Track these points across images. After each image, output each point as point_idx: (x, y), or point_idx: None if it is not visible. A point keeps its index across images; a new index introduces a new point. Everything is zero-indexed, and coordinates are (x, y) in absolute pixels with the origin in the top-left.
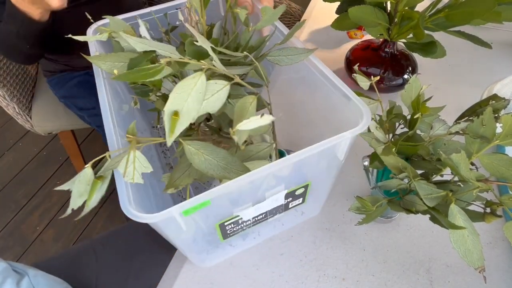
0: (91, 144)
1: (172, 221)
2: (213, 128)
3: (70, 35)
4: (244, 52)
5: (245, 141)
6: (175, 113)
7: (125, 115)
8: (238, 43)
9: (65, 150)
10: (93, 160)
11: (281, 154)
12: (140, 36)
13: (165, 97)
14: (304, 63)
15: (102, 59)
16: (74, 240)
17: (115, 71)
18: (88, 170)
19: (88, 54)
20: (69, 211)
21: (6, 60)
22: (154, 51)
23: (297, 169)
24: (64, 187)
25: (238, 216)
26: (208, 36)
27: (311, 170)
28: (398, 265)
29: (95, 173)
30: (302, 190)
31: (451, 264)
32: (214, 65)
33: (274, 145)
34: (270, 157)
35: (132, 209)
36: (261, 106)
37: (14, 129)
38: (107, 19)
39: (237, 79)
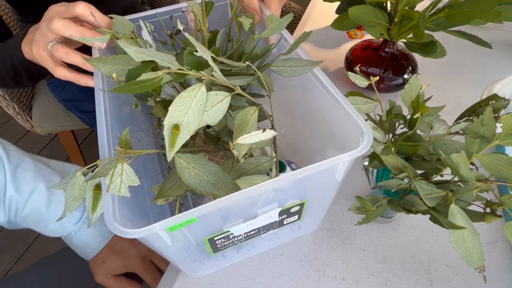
0: (91, 144)
1: (158, 236)
2: (212, 137)
3: (71, 35)
4: (246, 62)
5: (245, 154)
6: (176, 127)
7: (126, 116)
8: (242, 51)
9: (65, 150)
10: (86, 167)
11: (281, 165)
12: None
13: (164, 103)
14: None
15: (102, 62)
16: None
17: (114, 75)
18: (79, 177)
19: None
20: (64, 214)
21: None
22: (153, 61)
23: (291, 188)
24: (57, 186)
25: (228, 231)
26: (211, 43)
27: (306, 189)
28: (398, 265)
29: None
30: (297, 208)
31: (451, 264)
32: (214, 76)
33: (275, 159)
34: (270, 170)
35: (116, 223)
36: (262, 117)
37: (14, 129)
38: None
39: (238, 90)
